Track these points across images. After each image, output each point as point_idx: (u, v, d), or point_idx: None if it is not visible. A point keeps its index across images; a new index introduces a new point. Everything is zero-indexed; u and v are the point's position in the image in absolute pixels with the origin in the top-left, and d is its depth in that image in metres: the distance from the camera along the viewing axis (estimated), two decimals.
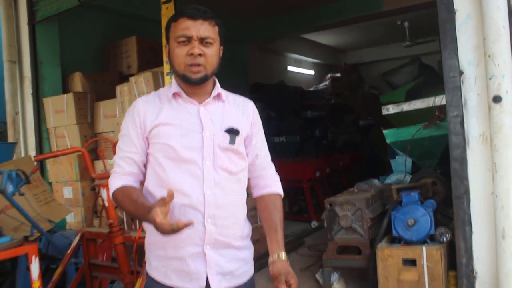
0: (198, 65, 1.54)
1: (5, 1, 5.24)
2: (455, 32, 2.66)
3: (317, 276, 3.61)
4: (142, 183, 1.66)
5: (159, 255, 1.60)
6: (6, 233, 3.06)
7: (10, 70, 5.19)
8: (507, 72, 2.43)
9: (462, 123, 2.66)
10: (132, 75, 5.13)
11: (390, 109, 4.54)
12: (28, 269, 2.88)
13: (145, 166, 1.64)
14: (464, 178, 2.65)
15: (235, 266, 1.62)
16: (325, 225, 3.47)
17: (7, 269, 3.33)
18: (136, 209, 1.51)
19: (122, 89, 4.61)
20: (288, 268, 1.59)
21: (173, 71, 1.62)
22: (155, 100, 1.64)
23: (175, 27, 1.56)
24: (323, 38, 10.50)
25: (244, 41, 8.18)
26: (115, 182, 1.59)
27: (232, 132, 1.61)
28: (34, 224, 2.99)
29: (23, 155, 5.17)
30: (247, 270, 1.69)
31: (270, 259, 1.63)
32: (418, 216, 3.08)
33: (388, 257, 3.02)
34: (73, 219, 4.85)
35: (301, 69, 11.02)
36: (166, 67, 3.96)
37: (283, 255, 1.62)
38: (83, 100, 4.98)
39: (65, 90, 5.30)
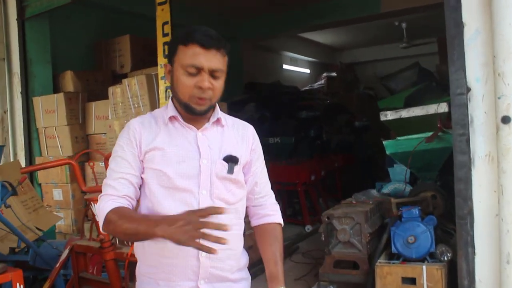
0: (204, 98, 1.43)
1: None
2: (463, 48, 2.56)
3: None
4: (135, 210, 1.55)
5: None
6: None
7: None
8: None
9: (468, 141, 2.57)
10: (126, 74, 5.01)
11: (389, 115, 4.45)
12: None
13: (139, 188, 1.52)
14: (468, 198, 2.57)
15: None
16: (323, 238, 3.39)
17: None
18: (139, 223, 1.32)
19: (114, 91, 4.48)
20: None
21: (175, 96, 1.50)
22: (151, 122, 1.53)
23: (184, 53, 1.42)
24: (319, 36, 10.40)
25: (238, 39, 8.05)
26: (107, 204, 1.40)
27: (231, 161, 1.51)
28: (20, 237, 2.88)
29: (11, 155, 5.03)
30: None
31: None
32: (419, 233, 3.01)
33: (387, 274, 2.94)
34: (63, 222, 4.74)
35: (296, 67, 10.92)
36: (161, 71, 3.84)
37: None
38: (75, 100, 4.84)
39: (56, 89, 5.15)
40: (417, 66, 5.80)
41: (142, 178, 1.49)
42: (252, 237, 1.69)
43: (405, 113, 4.34)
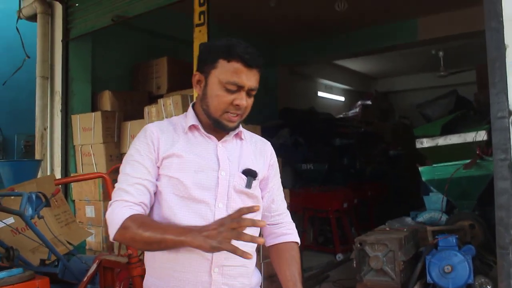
0: (238, 115, 1.42)
1: (43, 19, 5.32)
2: (505, 70, 2.48)
3: None
4: None
5: None
6: (23, 254, 3.00)
7: (42, 85, 5.22)
8: None
9: (509, 167, 2.46)
10: (162, 95, 5.09)
11: (425, 143, 4.36)
12: None
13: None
14: (510, 227, 2.43)
15: None
16: (354, 265, 3.27)
17: None
18: (165, 231, 1.26)
19: (150, 110, 4.56)
20: None
21: (204, 108, 1.46)
22: (169, 129, 1.49)
23: (225, 68, 1.38)
24: (354, 64, 10.37)
25: (274, 64, 8.12)
26: (123, 210, 1.33)
27: (250, 175, 1.48)
28: (51, 249, 2.90)
29: (48, 171, 5.16)
30: None
31: None
32: (456, 263, 2.87)
33: None
34: (93, 239, 4.78)
35: (331, 95, 10.88)
36: (195, 92, 3.87)
37: None
38: (111, 119, 4.94)
39: (94, 107, 5.30)
40: (455, 93, 5.66)
41: (157, 186, 1.44)
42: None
43: (442, 141, 4.23)
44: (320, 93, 10.45)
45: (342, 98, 11.37)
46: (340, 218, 6.26)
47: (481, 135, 3.76)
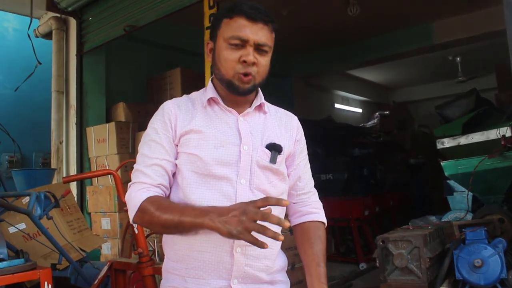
0: (249, 75, 1.32)
1: (58, 35, 5.40)
2: None
3: None
4: None
5: (176, 287, 1.34)
6: (34, 259, 2.92)
7: (57, 100, 5.27)
8: None
9: None
10: None
11: (446, 143, 4.21)
12: None
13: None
14: None
15: None
16: (377, 264, 3.11)
17: None
18: (182, 213, 1.19)
19: None
20: None
21: (216, 74, 1.39)
22: (187, 105, 1.42)
23: (228, 25, 1.33)
24: (370, 75, 10.28)
25: (290, 76, 8.08)
26: (140, 193, 1.28)
27: (274, 149, 1.38)
28: (61, 252, 2.82)
29: None
30: None
31: None
32: (486, 257, 2.68)
33: None
34: (109, 251, 4.71)
35: (348, 107, 10.78)
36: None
37: None
38: (125, 130, 4.93)
39: (109, 120, 5.30)
40: (475, 93, 5.49)
41: (176, 164, 1.37)
42: (303, 271, 1.46)
43: (463, 140, 4.09)
44: (337, 105, 10.36)
45: (359, 110, 11.25)
46: (361, 227, 6.08)
47: (505, 131, 3.61)
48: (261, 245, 1.06)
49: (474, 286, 2.70)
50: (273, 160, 1.37)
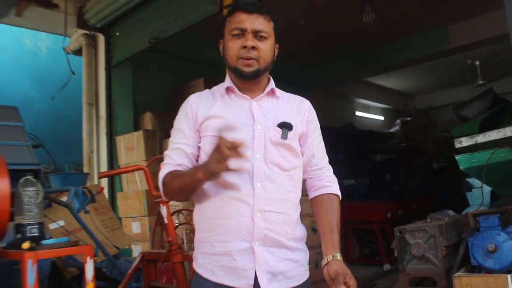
0: (251, 58, 1.53)
1: (87, 50, 5.74)
2: None
3: None
4: None
5: (206, 252, 1.52)
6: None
7: (88, 111, 5.58)
8: None
9: None
10: None
11: (463, 142, 4.27)
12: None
13: (197, 160, 1.59)
14: None
15: (286, 267, 1.51)
16: (395, 254, 3.23)
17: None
18: (185, 176, 1.46)
19: None
20: (346, 268, 1.43)
21: (227, 65, 1.60)
22: (208, 96, 1.63)
23: (230, 21, 1.57)
24: (391, 82, 10.36)
25: (309, 84, 8.25)
26: (164, 171, 1.53)
27: (285, 127, 1.55)
28: (98, 245, 3.05)
29: None
30: (301, 273, 1.56)
31: (325, 260, 1.48)
32: (500, 242, 2.77)
33: (467, 286, 2.72)
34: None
35: (369, 114, 10.87)
36: None
37: (338, 255, 1.47)
38: (152, 138, 5.18)
39: (137, 129, 5.56)
40: (491, 92, 5.57)
41: (199, 147, 1.57)
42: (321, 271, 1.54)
43: (481, 138, 4.14)
44: (358, 113, 10.46)
45: (381, 117, 11.31)
46: (384, 229, 6.16)
47: None
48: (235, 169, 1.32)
49: (489, 270, 2.79)
50: (284, 136, 1.55)
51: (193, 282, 1.59)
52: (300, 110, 1.66)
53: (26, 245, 2.07)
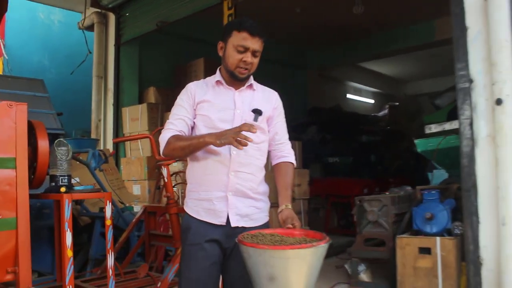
0: (246, 69, 2.06)
1: (98, 28, 6.27)
2: (467, 47, 3.06)
3: (346, 266, 3.98)
4: None
5: (194, 198, 2.09)
6: (86, 205, 3.79)
7: (97, 84, 6.14)
8: (508, 77, 2.79)
9: (471, 125, 3.01)
10: None
11: (432, 128, 4.84)
12: (102, 235, 3.57)
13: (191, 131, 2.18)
14: (472, 173, 2.97)
15: (251, 211, 2.08)
16: (355, 219, 3.86)
17: (84, 241, 4.06)
18: (192, 139, 1.91)
19: None
20: (293, 214, 1.98)
21: (224, 66, 2.10)
22: (203, 85, 2.17)
23: (237, 36, 2.01)
24: (383, 68, 10.84)
25: (304, 67, 8.78)
26: (168, 133, 1.96)
27: (256, 112, 2.10)
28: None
29: None
30: (262, 217, 2.14)
31: (279, 209, 2.08)
32: (437, 211, 3.40)
33: (406, 245, 3.36)
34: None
35: (360, 97, 11.39)
36: None
37: (290, 205, 2.05)
38: (155, 110, 5.76)
39: (141, 102, 6.14)
40: None
41: (194, 122, 2.16)
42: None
43: (448, 126, 4.70)
44: (349, 95, 10.98)
45: (371, 101, 11.83)
46: None
47: None
48: (236, 146, 1.76)
49: (426, 234, 3.42)
50: (255, 119, 2.11)
51: (184, 220, 2.19)
52: (269, 100, 2.22)
53: (63, 189, 2.69)
